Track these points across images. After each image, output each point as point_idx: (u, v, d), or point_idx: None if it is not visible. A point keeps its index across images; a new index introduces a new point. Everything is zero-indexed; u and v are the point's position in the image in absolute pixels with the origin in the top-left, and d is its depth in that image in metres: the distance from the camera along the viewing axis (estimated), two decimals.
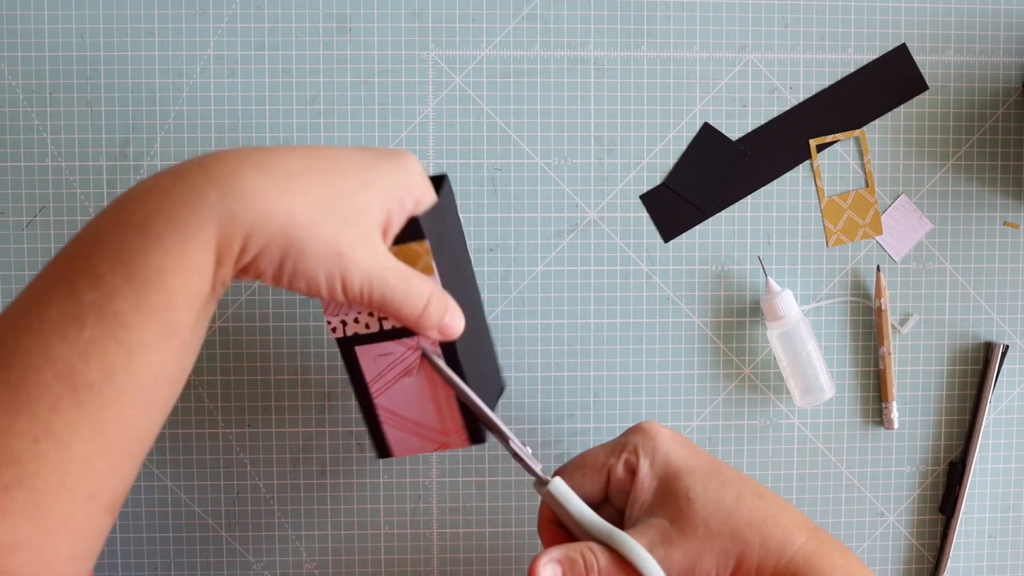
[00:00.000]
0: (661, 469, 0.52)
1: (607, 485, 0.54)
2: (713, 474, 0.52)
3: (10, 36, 0.62)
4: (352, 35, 0.63)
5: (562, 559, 0.49)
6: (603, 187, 0.64)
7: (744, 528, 0.50)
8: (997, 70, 0.65)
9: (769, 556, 0.50)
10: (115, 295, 0.40)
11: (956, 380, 0.66)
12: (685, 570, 0.50)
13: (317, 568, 0.65)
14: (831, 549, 0.51)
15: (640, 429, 0.54)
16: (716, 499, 0.51)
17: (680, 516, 0.51)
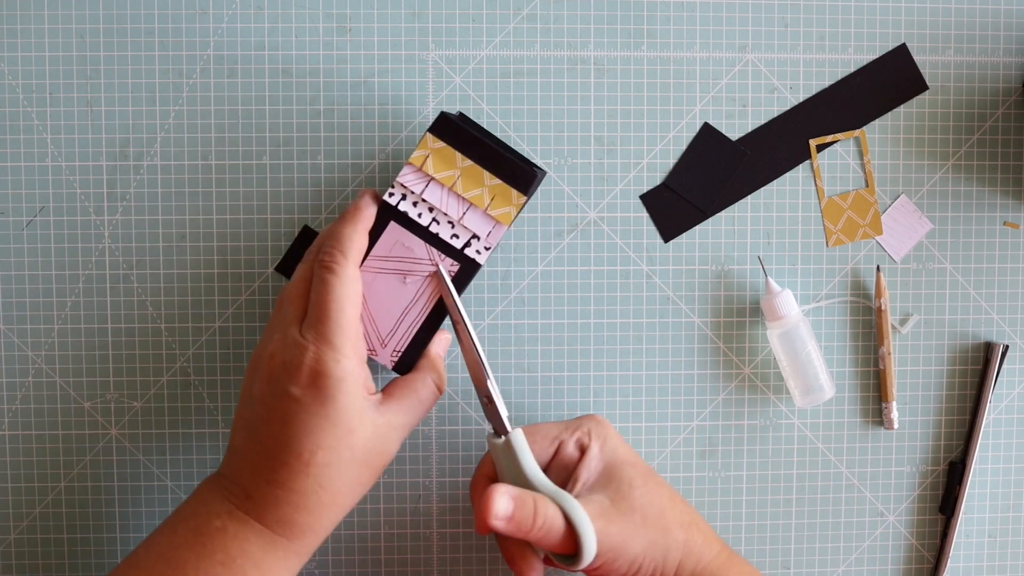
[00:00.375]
0: (609, 456, 0.57)
1: (552, 458, 0.57)
2: (651, 474, 0.57)
3: (10, 36, 0.62)
4: (352, 35, 0.63)
5: (515, 497, 0.52)
6: (603, 187, 0.64)
7: (674, 526, 0.55)
8: (997, 70, 0.65)
9: (690, 557, 0.55)
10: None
11: (956, 380, 0.66)
12: (616, 547, 0.53)
13: (317, 568, 0.65)
14: (740, 562, 0.57)
15: (594, 418, 0.59)
16: (653, 494, 0.55)
17: (621, 499, 0.54)
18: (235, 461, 0.53)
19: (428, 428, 0.64)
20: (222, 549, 0.50)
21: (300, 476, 0.51)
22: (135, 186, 0.63)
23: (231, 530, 0.51)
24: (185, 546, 0.51)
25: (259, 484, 0.51)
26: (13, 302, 0.63)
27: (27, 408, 0.63)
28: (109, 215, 0.63)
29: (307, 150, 0.63)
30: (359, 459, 0.52)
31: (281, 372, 0.51)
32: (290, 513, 0.51)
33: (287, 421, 0.51)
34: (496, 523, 0.51)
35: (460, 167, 0.57)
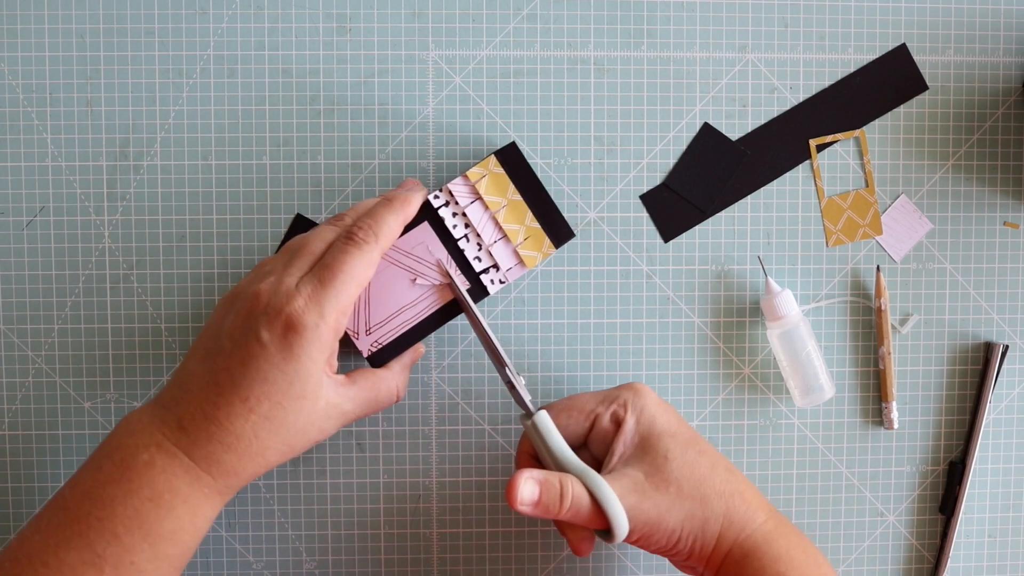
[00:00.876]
0: (646, 427, 0.56)
1: (589, 431, 0.57)
2: (692, 443, 0.56)
3: (10, 36, 0.62)
4: (352, 35, 0.63)
5: (541, 480, 0.52)
6: (603, 187, 0.64)
7: (713, 497, 0.54)
8: (997, 70, 0.65)
9: (732, 528, 0.54)
10: (132, 549, 0.49)
11: (956, 380, 0.66)
12: (651, 522, 0.53)
13: (317, 568, 0.65)
14: (788, 531, 0.55)
15: (632, 387, 0.58)
16: (692, 464, 0.55)
17: (656, 472, 0.54)
18: (177, 389, 0.52)
19: (428, 428, 0.64)
20: (149, 484, 0.50)
21: (239, 419, 0.50)
22: (135, 186, 0.63)
23: (159, 463, 0.50)
24: (111, 482, 0.50)
25: (196, 417, 0.51)
26: (13, 302, 0.63)
27: (27, 408, 0.63)
28: (109, 215, 0.63)
29: (307, 150, 0.63)
30: (298, 426, 0.52)
31: (261, 313, 0.51)
32: (219, 451, 0.51)
33: (247, 362, 0.50)
34: (523, 508, 0.52)
35: (509, 198, 0.58)
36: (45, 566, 0.49)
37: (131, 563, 0.49)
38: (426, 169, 0.63)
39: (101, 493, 0.50)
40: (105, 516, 0.49)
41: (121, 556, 0.49)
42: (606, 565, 0.66)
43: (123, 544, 0.49)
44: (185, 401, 0.51)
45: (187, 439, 0.51)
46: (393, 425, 0.64)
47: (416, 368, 0.64)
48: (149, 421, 0.51)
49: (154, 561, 0.50)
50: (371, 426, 0.64)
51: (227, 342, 0.51)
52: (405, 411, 0.64)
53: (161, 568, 0.50)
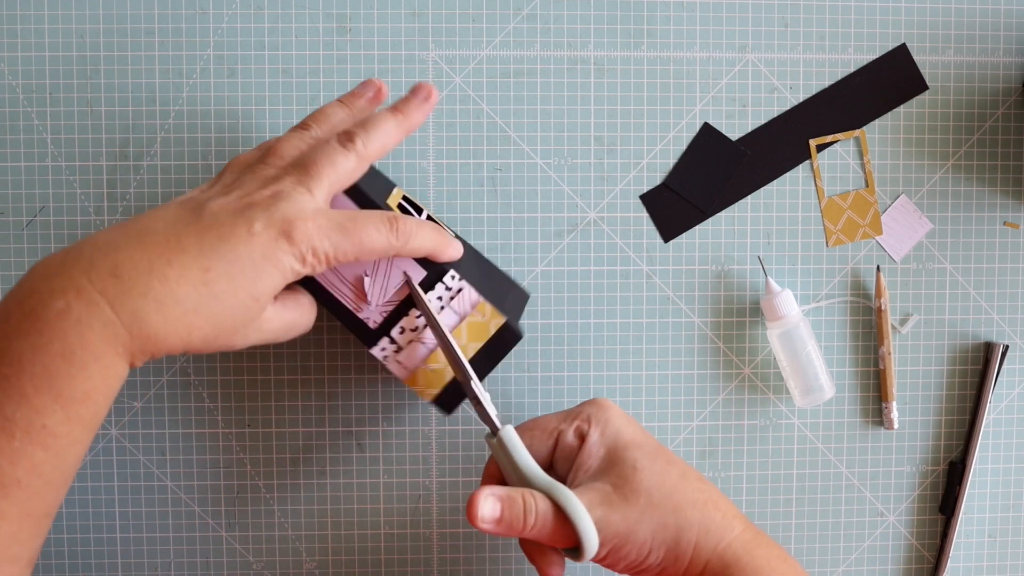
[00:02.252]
0: (611, 439, 0.54)
1: (554, 450, 0.55)
2: (660, 453, 0.54)
3: (10, 36, 0.62)
4: (352, 35, 0.63)
5: (503, 497, 0.51)
6: (603, 187, 0.64)
7: (686, 506, 0.52)
8: (997, 70, 0.65)
9: (708, 538, 0.52)
10: (43, 411, 0.45)
11: (956, 380, 0.66)
12: (621, 534, 0.51)
13: (317, 568, 0.65)
14: (766, 541, 0.53)
15: (595, 402, 0.56)
16: (661, 474, 0.53)
17: (624, 483, 0.52)
18: (122, 236, 0.47)
19: (428, 428, 0.64)
20: (61, 337, 0.45)
21: (188, 284, 0.46)
22: (135, 186, 0.63)
23: (74, 313, 0.45)
24: (19, 335, 0.45)
25: (139, 266, 0.46)
26: None
27: None
28: (109, 215, 0.63)
29: None
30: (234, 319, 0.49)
31: (261, 210, 0.48)
32: (150, 309, 0.46)
33: (225, 239, 0.47)
34: (484, 526, 0.50)
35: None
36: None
37: (43, 426, 0.45)
38: (426, 169, 0.63)
39: (8, 347, 0.45)
40: (12, 374, 0.45)
41: (32, 419, 0.45)
42: None
43: (33, 405, 0.45)
44: (131, 249, 0.47)
45: (118, 287, 0.46)
46: (393, 425, 0.64)
47: None
48: (73, 264, 0.46)
49: (67, 424, 0.45)
50: (371, 426, 0.64)
51: (209, 217, 0.48)
52: (405, 411, 0.64)
53: (75, 430, 0.46)
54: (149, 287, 0.46)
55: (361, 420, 0.64)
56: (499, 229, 0.64)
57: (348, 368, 0.64)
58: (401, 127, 0.54)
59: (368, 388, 0.64)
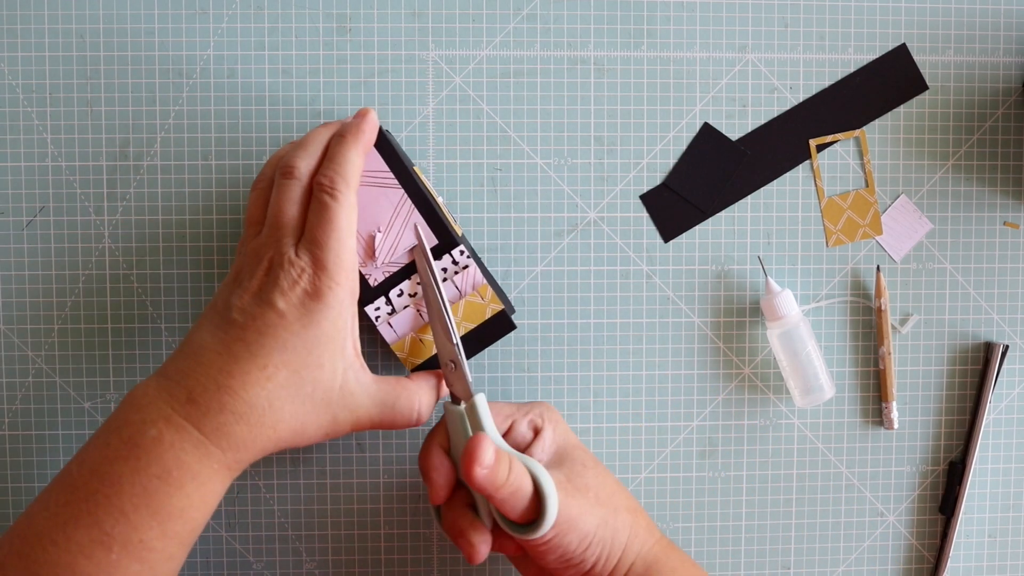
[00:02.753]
0: (561, 440, 0.58)
1: (505, 435, 0.57)
2: (598, 462, 0.58)
3: (10, 36, 0.62)
4: (352, 35, 0.63)
5: (497, 449, 0.52)
6: (603, 187, 0.64)
7: (623, 510, 0.56)
8: (997, 70, 0.65)
9: (637, 541, 0.56)
10: (140, 527, 0.48)
11: (956, 380, 0.66)
12: (571, 520, 0.53)
13: (317, 568, 0.65)
14: (678, 549, 0.59)
15: (544, 404, 0.59)
16: (603, 477, 0.57)
17: (576, 477, 0.55)
18: (186, 362, 0.51)
19: (428, 428, 0.64)
20: (158, 461, 0.49)
21: (255, 387, 0.50)
22: (135, 186, 0.63)
23: (167, 439, 0.49)
24: (119, 460, 0.49)
25: (208, 387, 0.50)
26: (13, 302, 0.63)
27: (27, 408, 0.63)
28: (109, 215, 0.63)
29: None
30: (316, 399, 0.51)
31: (272, 286, 0.51)
32: (230, 423, 0.50)
33: (264, 332, 0.50)
34: (480, 471, 0.50)
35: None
36: (54, 544, 0.48)
37: (139, 541, 0.48)
38: (426, 169, 0.63)
39: (109, 470, 0.49)
40: (113, 493, 0.48)
41: (130, 534, 0.48)
42: None
43: (131, 522, 0.48)
44: (195, 373, 0.50)
45: (197, 411, 0.50)
46: None
47: None
48: (156, 395, 0.51)
49: (163, 539, 0.49)
50: None
51: (239, 315, 0.51)
52: None
53: (170, 546, 0.50)
54: (223, 404, 0.50)
55: None
56: (499, 229, 0.64)
57: None
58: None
59: None
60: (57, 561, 0.48)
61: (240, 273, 0.53)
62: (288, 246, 0.52)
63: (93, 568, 0.48)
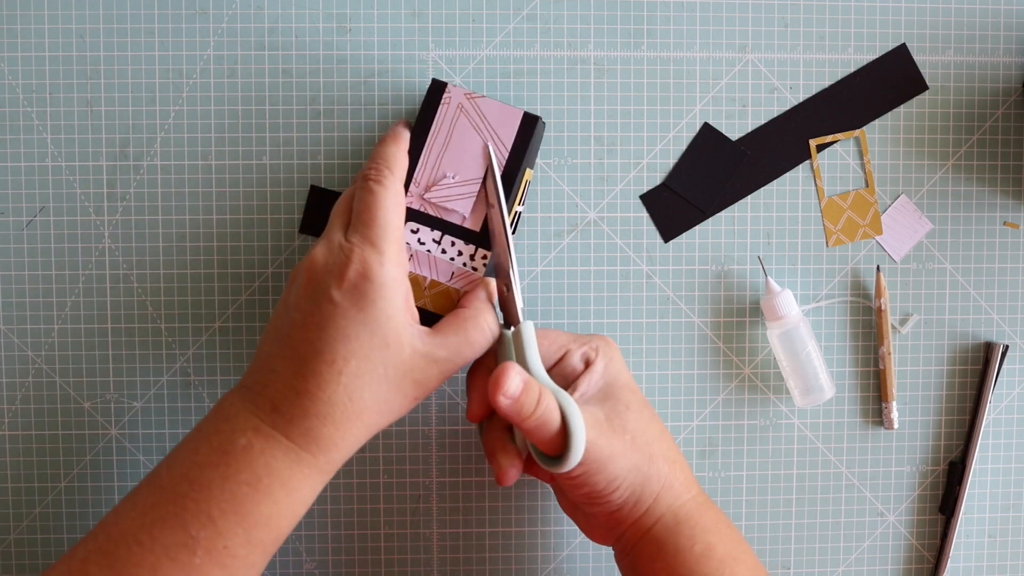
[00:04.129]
0: (612, 376, 0.56)
1: (555, 365, 0.57)
2: (646, 405, 0.57)
3: (10, 36, 0.62)
4: (352, 35, 0.63)
5: (525, 379, 0.52)
6: (603, 187, 0.64)
7: (660, 459, 0.55)
8: (997, 70, 0.65)
9: (670, 493, 0.55)
10: (226, 533, 0.49)
11: (956, 380, 0.66)
12: (602, 459, 0.53)
13: (317, 568, 0.65)
14: (715, 508, 0.57)
15: (603, 338, 0.58)
16: (647, 422, 0.56)
17: (616, 417, 0.54)
18: (261, 372, 0.52)
19: (428, 428, 0.64)
20: (248, 468, 0.49)
21: (330, 384, 0.50)
22: (135, 186, 0.63)
23: (256, 447, 0.50)
24: (209, 466, 0.49)
25: (287, 394, 0.50)
26: (13, 302, 0.63)
27: (27, 408, 0.63)
28: (109, 215, 0.63)
29: (307, 150, 0.63)
30: (391, 377, 0.51)
31: (323, 275, 0.51)
32: (317, 426, 0.50)
33: (323, 326, 0.50)
34: (503, 400, 0.50)
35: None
36: (139, 544, 0.48)
37: (224, 547, 0.49)
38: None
39: (199, 475, 0.49)
40: (202, 498, 0.49)
41: (215, 539, 0.48)
42: (606, 565, 0.66)
43: (217, 527, 0.48)
44: (272, 382, 0.51)
45: (283, 420, 0.50)
46: (393, 425, 0.64)
47: None
48: (242, 406, 0.51)
49: (247, 546, 0.49)
50: None
51: (297, 314, 0.51)
52: None
53: (254, 554, 0.50)
54: (305, 409, 0.50)
55: None
56: None
57: None
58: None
59: None
60: (141, 561, 0.48)
61: (296, 266, 0.53)
62: (337, 232, 0.53)
63: (176, 570, 0.48)
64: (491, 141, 0.57)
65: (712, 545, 0.54)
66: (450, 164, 0.57)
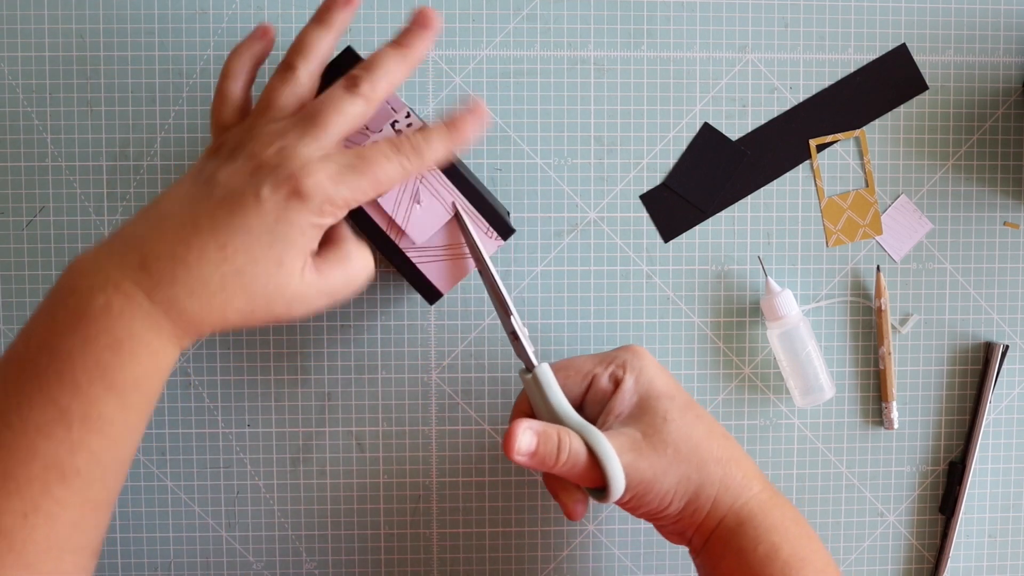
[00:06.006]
0: (644, 388, 0.55)
1: (586, 393, 0.56)
2: (690, 407, 0.55)
3: (10, 36, 0.62)
4: (352, 35, 0.63)
5: (539, 431, 0.52)
6: (603, 187, 0.64)
7: (710, 462, 0.53)
8: (997, 70, 0.65)
9: (728, 494, 0.53)
10: (97, 402, 0.46)
11: (956, 380, 0.66)
12: (646, 481, 0.52)
13: (317, 568, 0.65)
14: (782, 502, 0.55)
15: (631, 349, 0.57)
16: (690, 427, 0.54)
17: (654, 432, 0.53)
18: (144, 227, 0.48)
19: (428, 428, 0.64)
20: (107, 331, 0.46)
21: (210, 265, 0.47)
22: (135, 186, 0.63)
23: (116, 307, 0.46)
24: (67, 332, 0.46)
25: (162, 257, 0.47)
26: (13, 302, 0.63)
27: None
28: (109, 215, 0.63)
29: None
30: (266, 291, 0.49)
31: (268, 172, 0.48)
32: (182, 296, 0.47)
33: (235, 211, 0.48)
34: (519, 458, 0.51)
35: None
36: (9, 427, 0.45)
37: (99, 415, 0.46)
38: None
39: (58, 344, 0.46)
40: (65, 368, 0.46)
41: (88, 409, 0.46)
42: (606, 566, 0.66)
43: (87, 396, 0.46)
44: (152, 239, 0.48)
45: (149, 280, 0.47)
46: (393, 425, 0.64)
47: (416, 368, 0.64)
48: (106, 260, 0.48)
49: (122, 411, 0.47)
50: (371, 426, 0.64)
51: (219, 190, 0.48)
52: (405, 411, 0.64)
53: (130, 418, 0.47)
54: (175, 275, 0.47)
55: (361, 420, 0.64)
56: None
57: (348, 368, 0.64)
58: (406, 62, 0.52)
59: (368, 388, 0.64)
60: (15, 444, 0.45)
61: (238, 150, 0.50)
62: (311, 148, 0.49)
63: (54, 445, 0.45)
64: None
65: (776, 546, 0.53)
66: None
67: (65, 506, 0.46)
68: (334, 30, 0.53)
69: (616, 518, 0.65)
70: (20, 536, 0.45)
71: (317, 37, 0.53)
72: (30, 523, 0.45)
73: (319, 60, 0.53)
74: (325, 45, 0.53)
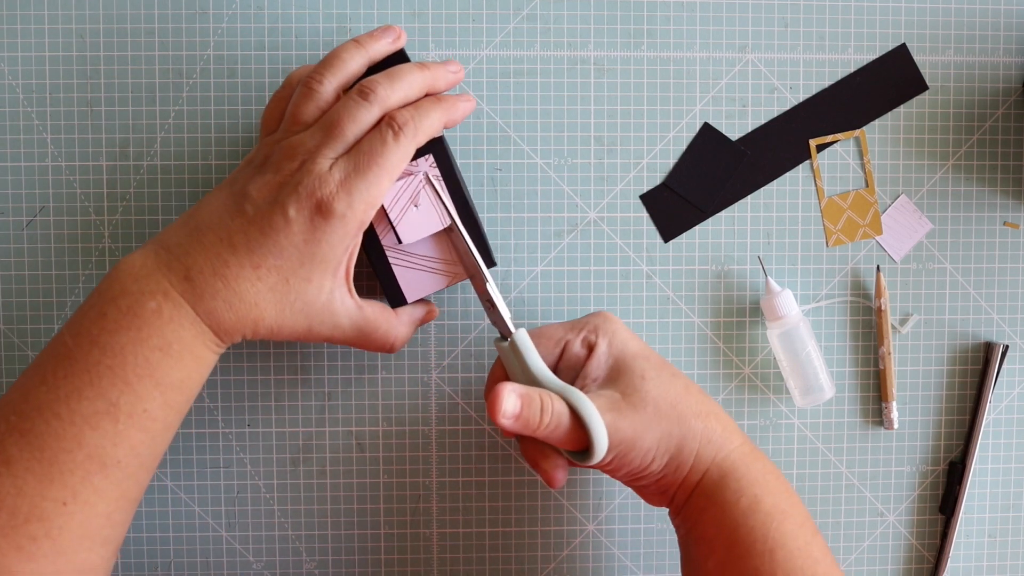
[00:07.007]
0: (618, 350, 0.56)
1: (559, 360, 0.57)
2: (665, 366, 0.56)
3: (10, 36, 0.62)
4: (352, 35, 0.63)
5: (523, 394, 0.52)
6: (603, 187, 0.64)
7: (690, 416, 0.54)
8: (997, 70, 0.65)
9: (710, 447, 0.54)
10: (144, 397, 0.49)
11: (956, 380, 0.66)
12: (628, 440, 0.53)
13: (317, 568, 0.65)
14: (762, 456, 0.56)
15: (600, 314, 0.57)
16: (667, 384, 0.54)
17: (632, 392, 0.54)
18: (187, 237, 0.51)
19: (428, 428, 0.64)
20: (158, 333, 0.50)
21: (246, 282, 0.51)
22: (135, 186, 0.63)
23: (166, 313, 0.50)
24: (119, 330, 0.49)
25: (204, 271, 0.50)
26: (13, 302, 0.63)
27: None
28: (109, 215, 0.63)
29: None
30: (294, 308, 0.52)
31: (291, 189, 0.51)
32: (221, 309, 0.51)
33: (267, 232, 0.51)
34: (504, 421, 0.51)
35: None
36: (57, 417, 0.48)
37: (144, 411, 0.49)
38: None
39: (110, 341, 0.49)
40: (116, 364, 0.49)
41: (135, 404, 0.49)
42: (606, 566, 0.66)
43: (136, 392, 0.49)
44: (196, 252, 0.51)
45: (193, 292, 0.50)
46: (393, 425, 0.64)
47: (416, 368, 0.64)
48: (154, 266, 0.51)
49: (165, 408, 0.50)
50: (371, 426, 0.64)
51: (250, 207, 0.51)
52: (405, 411, 0.64)
53: (170, 415, 0.51)
54: (216, 289, 0.51)
55: (361, 420, 0.64)
56: (499, 229, 0.64)
57: (348, 368, 0.64)
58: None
59: (368, 388, 0.64)
60: (62, 434, 0.48)
61: (267, 163, 0.52)
62: (327, 155, 0.52)
63: (98, 438, 0.48)
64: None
65: (758, 498, 0.53)
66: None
67: (102, 496, 0.49)
68: (368, 56, 0.56)
69: (616, 518, 0.66)
70: (58, 523, 0.48)
71: (351, 56, 0.55)
72: (68, 510, 0.48)
73: (346, 78, 0.55)
74: (355, 66, 0.55)
